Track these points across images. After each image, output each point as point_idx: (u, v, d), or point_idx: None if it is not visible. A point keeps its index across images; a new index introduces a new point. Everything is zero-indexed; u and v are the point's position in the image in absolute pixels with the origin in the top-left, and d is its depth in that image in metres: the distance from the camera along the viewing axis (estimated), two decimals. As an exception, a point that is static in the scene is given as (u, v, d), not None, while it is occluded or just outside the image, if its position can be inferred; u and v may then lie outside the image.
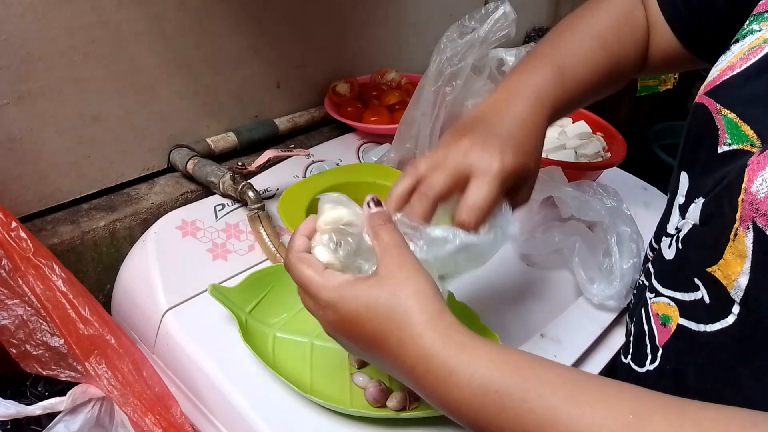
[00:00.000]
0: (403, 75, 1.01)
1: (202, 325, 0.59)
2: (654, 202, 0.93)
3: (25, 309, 0.54)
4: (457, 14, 0.73)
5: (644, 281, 0.58)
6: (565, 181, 0.73)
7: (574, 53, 0.57)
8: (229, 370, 0.55)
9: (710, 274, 0.44)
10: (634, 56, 0.61)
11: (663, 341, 0.50)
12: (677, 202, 0.52)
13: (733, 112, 0.45)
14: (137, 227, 0.74)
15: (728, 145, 0.45)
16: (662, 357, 0.50)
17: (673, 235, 0.52)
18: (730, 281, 0.42)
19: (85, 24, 0.66)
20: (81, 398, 0.54)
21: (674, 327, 0.49)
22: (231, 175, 0.73)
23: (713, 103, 0.47)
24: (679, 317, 0.48)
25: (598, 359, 0.64)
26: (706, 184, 0.46)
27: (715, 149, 0.46)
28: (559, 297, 0.69)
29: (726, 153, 0.45)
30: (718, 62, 0.50)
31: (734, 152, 0.44)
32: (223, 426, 0.55)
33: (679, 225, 0.51)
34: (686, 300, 0.48)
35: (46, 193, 0.70)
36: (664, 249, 0.53)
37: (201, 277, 0.63)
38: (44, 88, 0.65)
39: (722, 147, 0.45)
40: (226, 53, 0.82)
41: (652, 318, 0.52)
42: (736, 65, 0.47)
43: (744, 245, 0.40)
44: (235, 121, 0.88)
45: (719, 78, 0.48)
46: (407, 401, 0.53)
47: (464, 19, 0.72)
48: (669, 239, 0.52)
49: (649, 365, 0.52)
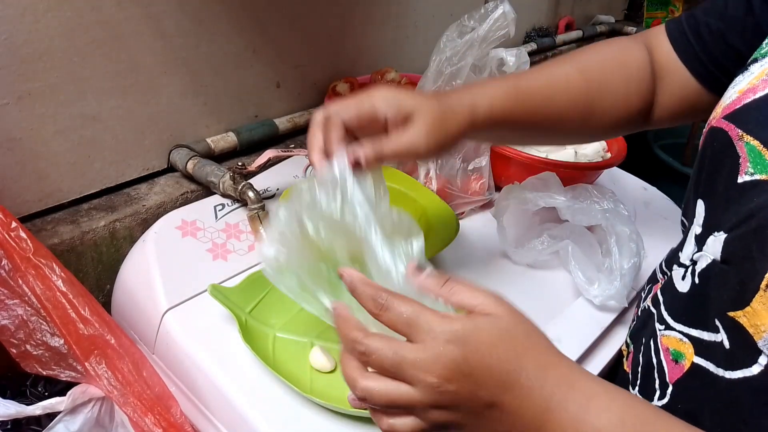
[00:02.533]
0: (403, 75, 1.01)
1: (202, 325, 0.59)
2: (654, 202, 0.93)
3: (25, 309, 0.54)
4: (457, 14, 0.73)
5: (651, 307, 0.54)
6: (560, 186, 0.73)
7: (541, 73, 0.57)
8: (229, 370, 0.55)
9: (733, 319, 0.41)
10: (624, 93, 0.58)
11: (674, 379, 0.48)
12: (693, 232, 0.48)
13: (756, 138, 0.42)
14: (137, 227, 0.74)
15: (750, 174, 0.41)
16: (673, 394, 0.48)
17: (688, 266, 0.49)
18: (758, 331, 0.39)
19: (85, 24, 0.66)
20: (81, 398, 0.54)
21: (688, 365, 0.46)
22: (231, 175, 0.73)
23: (733, 128, 0.44)
24: (695, 355, 0.45)
25: (599, 359, 0.64)
26: (727, 218, 0.43)
27: (735, 178, 0.43)
28: (559, 297, 0.69)
29: (747, 183, 0.42)
30: (734, 83, 0.47)
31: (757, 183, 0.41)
32: (223, 426, 0.55)
33: (694, 257, 0.47)
34: (703, 339, 0.45)
35: (46, 193, 0.70)
36: (677, 279, 0.50)
37: (201, 277, 0.63)
38: (44, 88, 0.65)
39: (743, 176, 0.42)
40: (226, 53, 0.82)
41: (662, 352, 0.49)
42: (758, 87, 0.44)
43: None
44: (235, 121, 0.88)
45: (739, 101, 0.45)
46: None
47: (464, 18, 0.72)
48: (682, 270, 0.50)
49: (657, 401, 0.49)
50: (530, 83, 0.56)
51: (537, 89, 0.56)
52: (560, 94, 0.57)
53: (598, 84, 0.57)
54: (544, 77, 0.57)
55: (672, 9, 1.91)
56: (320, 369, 0.56)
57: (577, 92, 0.57)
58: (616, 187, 0.81)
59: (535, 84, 0.57)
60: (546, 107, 0.56)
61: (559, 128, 0.59)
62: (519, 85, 0.55)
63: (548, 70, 0.58)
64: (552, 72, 0.58)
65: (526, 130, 0.58)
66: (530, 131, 0.59)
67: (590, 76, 0.57)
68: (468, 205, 0.80)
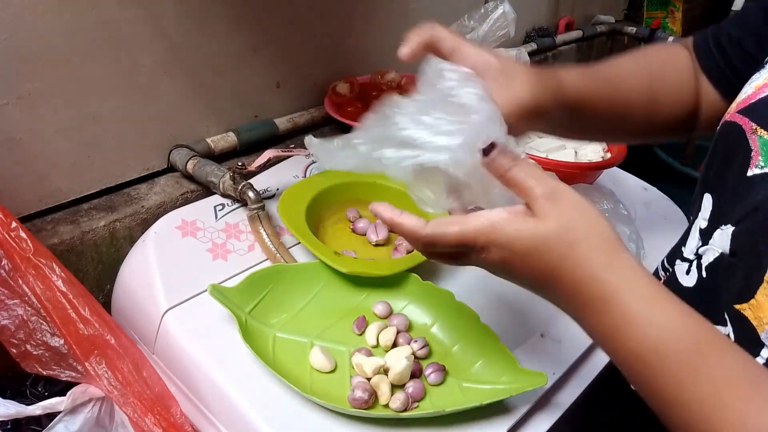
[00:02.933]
0: (403, 75, 1.01)
1: (202, 325, 0.59)
2: (654, 202, 0.93)
3: (25, 309, 0.54)
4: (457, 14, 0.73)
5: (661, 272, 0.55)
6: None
7: (608, 65, 0.57)
8: (229, 370, 0.55)
9: (739, 312, 0.41)
10: (681, 90, 0.59)
11: None
12: (698, 226, 0.49)
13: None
14: (137, 227, 0.74)
15: (761, 167, 0.42)
16: None
17: (692, 260, 0.49)
18: (761, 323, 0.40)
19: (85, 24, 0.66)
20: (81, 398, 0.54)
21: None
22: (231, 175, 0.73)
23: (747, 122, 0.44)
24: None
25: (598, 359, 0.64)
26: (734, 211, 0.43)
27: (745, 172, 0.43)
28: (559, 297, 0.69)
29: (757, 176, 0.42)
30: (750, 80, 0.47)
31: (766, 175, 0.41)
32: (223, 426, 0.55)
33: (699, 251, 0.48)
34: None
35: (46, 193, 0.70)
36: (680, 274, 0.50)
37: (201, 277, 0.63)
38: (44, 88, 0.65)
39: (753, 170, 0.42)
40: (226, 53, 0.82)
41: None
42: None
43: None
44: (235, 121, 0.88)
45: (755, 95, 0.45)
46: (408, 402, 0.53)
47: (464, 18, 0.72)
48: (686, 264, 0.50)
49: None
50: (601, 70, 0.57)
51: (608, 76, 0.56)
52: (628, 83, 0.57)
53: (660, 80, 0.58)
54: (612, 68, 0.57)
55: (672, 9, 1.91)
56: (320, 369, 0.56)
57: (641, 84, 0.57)
58: (616, 187, 0.81)
59: (606, 72, 0.57)
60: (617, 93, 0.56)
61: (627, 119, 0.59)
62: (592, 71, 0.55)
63: (614, 62, 0.58)
64: (617, 64, 0.58)
65: (598, 117, 0.57)
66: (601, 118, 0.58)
67: (652, 71, 0.58)
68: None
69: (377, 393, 0.53)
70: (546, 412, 0.57)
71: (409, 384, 0.54)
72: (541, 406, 0.57)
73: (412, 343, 0.58)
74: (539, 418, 0.56)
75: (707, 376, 0.35)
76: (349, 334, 0.61)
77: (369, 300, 0.64)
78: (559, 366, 0.59)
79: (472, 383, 0.56)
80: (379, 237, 0.72)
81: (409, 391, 0.54)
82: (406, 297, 0.64)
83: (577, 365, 0.62)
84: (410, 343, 0.59)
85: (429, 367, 0.56)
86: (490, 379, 0.55)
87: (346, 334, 0.61)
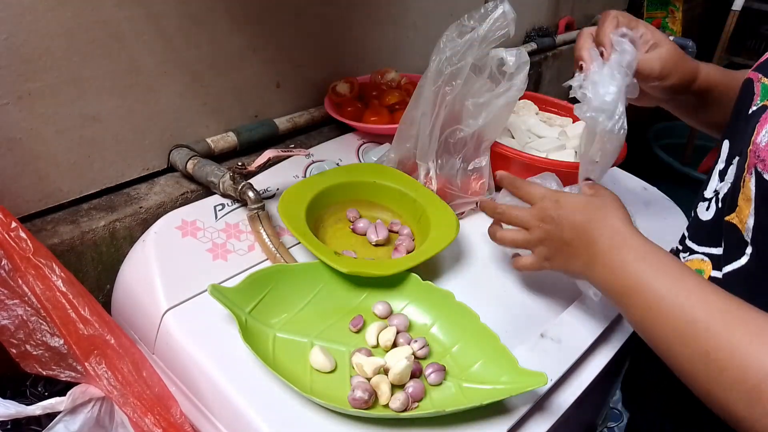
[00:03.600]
0: (403, 75, 1.01)
1: (202, 325, 0.59)
2: (654, 202, 0.93)
3: (25, 309, 0.54)
4: (457, 14, 0.73)
5: (677, 246, 0.63)
6: (560, 186, 0.73)
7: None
8: (229, 370, 0.55)
9: (729, 222, 0.50)
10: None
11: None
12: (717, 168, 0.57)
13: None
14: (137, 227, 0.74)
15: (756, 105, 0.51)
16: None
17: (711, 198, 0.56)
18: (743, 224, 0.48)
19: (85, 24, 0.66)
20: (81, 398, 0.54)
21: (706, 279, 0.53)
22: (231, 175, 0.73)
23: (757, 74, 0.54)
24: (712, 270, 0.55)
25: (598, 359, 0.64)
26: (739, 146, 0.52)
27: (747, 111, 0.52)
28: (559, 297, 0.69)
29: (754, 112, 0.51)
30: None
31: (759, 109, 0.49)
32: (223, 426, 0.55)
33: (717, 188, 0.56)
34: (720, 254, 0.53)
35: (46, 193, 0.70)
36: (701, 212, 0.59)
37: (201, 277, 0.63)
38: (44, 88, 0.65)
39: (752, 108, 0.51)
40: (226, 53, 0.82)
41: None
42: None
43: (749, 189, 0.46)
44: (235, 121, 0.88)
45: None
46: (408, 402, 0.53)
47: (464, 18, 0.72)
48: (706, 203, 0.58)
49: None
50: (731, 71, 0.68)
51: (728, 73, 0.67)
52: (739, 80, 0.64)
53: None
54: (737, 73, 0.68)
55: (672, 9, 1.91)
56: (320, 369, 0.56)
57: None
58: (616, 187, 0.81)
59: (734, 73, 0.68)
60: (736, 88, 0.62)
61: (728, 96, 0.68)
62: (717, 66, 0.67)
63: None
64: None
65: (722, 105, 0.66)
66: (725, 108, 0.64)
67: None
68: (468, 205, 0.80)
69: (377, 393, 0.53)
70: (546, 412, 0.57)
71: (409, 384, 0.55)
72: (541, 406, 0.57)
73: (412, 343, 0.58)
74: (539, 418, 0.56)
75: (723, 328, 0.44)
76: (349, 334, 0.61)
77: (369, 300, 0.64)
78: (559, 366, 0.59)
79: (471, 383, 0.56)
80: (379, 237, 0.72)
81: (409, 391, 0.54)
82: (406, 297, 0.64)
83: (576, 365, 0.62)
84: (410, 343, 0.59)
85: (429, 367, 0.56)
86: (490, 379, 0.55)
87: (346, 334, 0.61)
